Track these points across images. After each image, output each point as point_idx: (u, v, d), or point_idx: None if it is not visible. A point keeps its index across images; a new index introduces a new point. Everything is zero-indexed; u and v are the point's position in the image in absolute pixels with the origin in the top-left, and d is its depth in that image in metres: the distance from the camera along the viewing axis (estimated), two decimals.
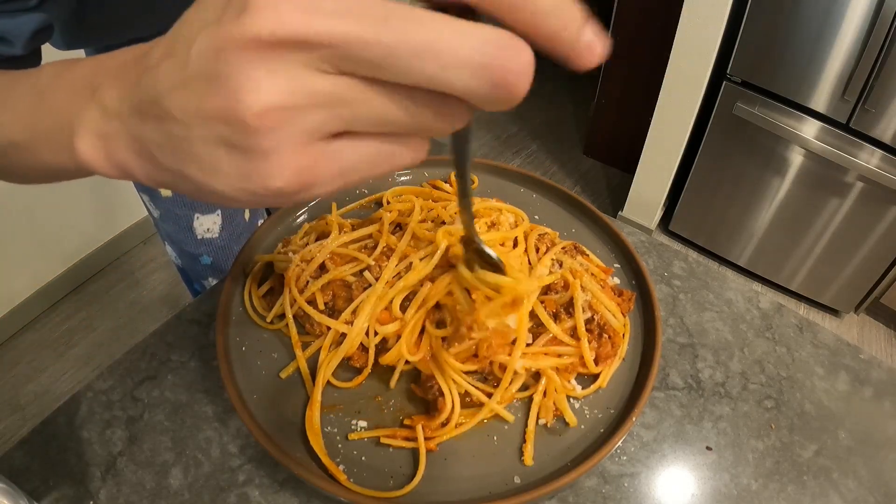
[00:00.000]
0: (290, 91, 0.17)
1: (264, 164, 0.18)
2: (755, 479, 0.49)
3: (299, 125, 0.18)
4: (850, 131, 1.46)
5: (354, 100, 0.18)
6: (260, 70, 0.17)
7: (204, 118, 0.18)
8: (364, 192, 0.68)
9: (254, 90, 0.17)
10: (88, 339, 1.63)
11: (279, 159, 0.18)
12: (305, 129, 0.18)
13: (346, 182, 0.20)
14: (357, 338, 0.50)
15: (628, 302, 0.55)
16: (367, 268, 0.54)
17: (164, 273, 1.81)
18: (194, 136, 0.19)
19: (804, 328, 0.62)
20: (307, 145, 0.18)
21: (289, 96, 0.17)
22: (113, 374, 0.53)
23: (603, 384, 0.50)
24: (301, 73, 0.17)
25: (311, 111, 0.18)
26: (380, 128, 0.19)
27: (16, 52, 0.39)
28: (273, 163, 0.18)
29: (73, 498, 0.45)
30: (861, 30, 1.31)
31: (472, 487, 0.44)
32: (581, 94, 2.86)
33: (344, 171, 0.20)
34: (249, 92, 0.17)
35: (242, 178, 0.19)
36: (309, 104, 0.18)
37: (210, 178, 0.19)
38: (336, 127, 0.19)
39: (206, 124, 0.18)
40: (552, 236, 0.60)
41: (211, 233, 0.79)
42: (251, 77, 0.17)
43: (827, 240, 1.69)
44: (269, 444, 0.43)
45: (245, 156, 0.18)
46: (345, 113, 0.18)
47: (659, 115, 1.76)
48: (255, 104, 0.17)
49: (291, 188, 0.19)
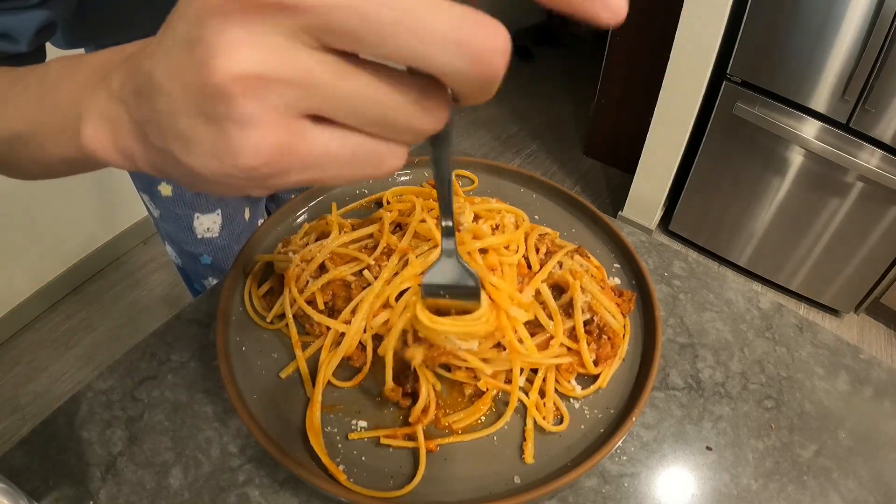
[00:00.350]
0: (269, 57, 0.17)
1: (238, 136, 0.17)
2: (755, 479, 0.49)
3: (276, 96, 0.17)
4: (850, 131, 1.46)
5: (335, 78, 0.18)
6: (238, 33, 0.16)
7: (183, 85, 0.18)
8: (364, 192, 0.68)
9: (229, 53, 0.16)
10: (88, 339, 1.63)
11: (255, 131, 0.17)
12: (283, 101, 0.17)
13: (322, 174, 0.20)
14: (356, 336, 0.50)
15: (628, 302, 0.55)
16: (366, 267, 0.54)
17: (164, 273, 1.81)
18: (178, 109, 0.18)
19: (804, 328, 0.62)
20: (285, 120, 0.18)
21: (267, 63, 0.17)
22: (113, 374, 0.53)
23: (603, 384, 0.50)
24: (281, 41, 0.17)
25: (290, 83, 0.17)
26: (361, 119, 0.19)
27: (20, 48, 0.39)
28: (248, 135, 0.17)
29: (73, 498, 0.45)
30: (861, 30, 1.31)
31: (472, 487, 0.44)
32: (581, 94, 2.86)
33: (321, 160, 0.19)
34: (224, 55, 0.16)
35: (216, 155, 0.18)
36: (288, 75, 0.17)
37: (189, 155, 0.19)
38: (315, 105, 0.18)
39: (185, 92, 0.18)
40: (552, 236, 0.60)
41: (211, 232, 0.79)
42: (228, 40, 0.16)
43: (827, 240, 1.69)
44: (269, 444, 0.43)
45: (220, 127, 0.18)
46: (325, 92, 0.18)
47: (659, 115, 1.76)
48: (229, 67, 0.16)
49: (265, 168, 0.18)
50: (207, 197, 0.77)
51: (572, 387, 0.50)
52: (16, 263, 1.59)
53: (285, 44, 0.17)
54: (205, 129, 0.18)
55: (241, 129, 0.17)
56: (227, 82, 0.17)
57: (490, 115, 2.68)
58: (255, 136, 0.17)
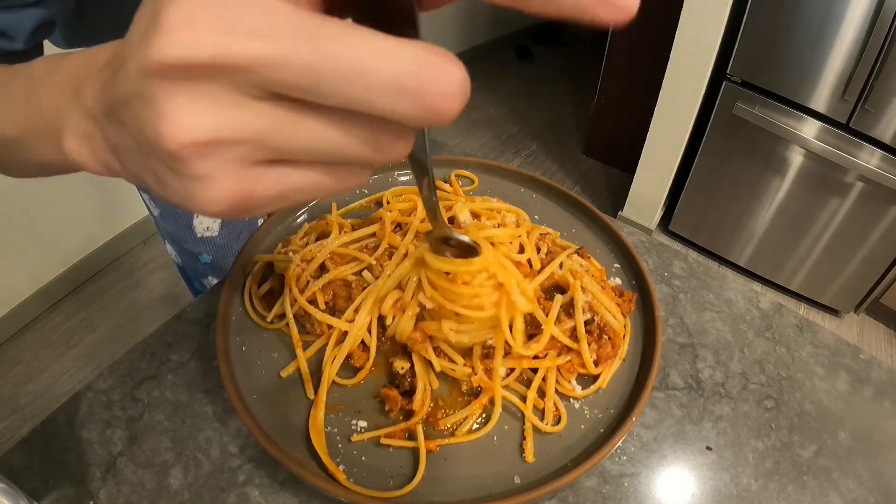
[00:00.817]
0: (217, 120, 0.17)
1: (200, 190, 0.18)
2: (755, 479, 0.49)
3: (228, 154, 0.17)
4: (850, 131, 1.46)
5: (285, 126, 0.18)
6: (180, 98, 0.16)
7: (141, 140, 0.18)
8: (364, 192, 0.68)
9: (177, 120, 0.17)
10: (88, 339, 1.63)
11: (213, 186, 0.18)
12: (235, 157, 0.18)
13: (288, 203, 0.20)
14: (359, 334, 0.50)
15: (629, 303, 0.55)
16: (368, 267, 0.54)
17: (164, 273, 1.81)
18: (145, 154, 0.19)
19: (804, 328, 0.62)
20: (241, 172, 0.18)
21: (215, 126, 0.17)
22: (113, 374, 0.53)
23: (603, 385, 0.50)
24: (225, 99, 0.17)
25: (240, 139, 0.17)
26: (317, 157, 0.19)
27: (17, 46, 0.40)
28: (208, 189, 0.18)
29: (73, 498, 0.45)
30: (861, 30, 1.31)
31: (472, 487, 0.44)
32: (581, 94, 2.86)
33: (284, 194, 0.19)
34: (173, 122, 0.17)
35: (186, 199, 0.19)
36: (236, 134, 0.17)
37: (163, 191, 0.19)
38: (269, 155, 0.18)
39: (146, 146, 0.18)
40: (553, 236, 0.60)
41: (211, 231, 0.80)
42: (172, 107, 0.16)
43: (827, 240, 1.69)
44: (269, 444, 0.43)
45: (183, 179, 0.18)
46: (277, 140, 0.18)
47: (659, 115, 1.76)
48: (178, 134, 0.17)
49: (231, 212, 0.19)
50: None
51: (572, 387, 0.50)
52: (16, 263, 1.59)
53: (232, 100, 0.17)
54: (170, 177, 0.18)
55: (198, 185, 0.18)
56: (178, 149, 0.17)
57: (490, 115, 2.68)
58: (213, 189, 0.18)
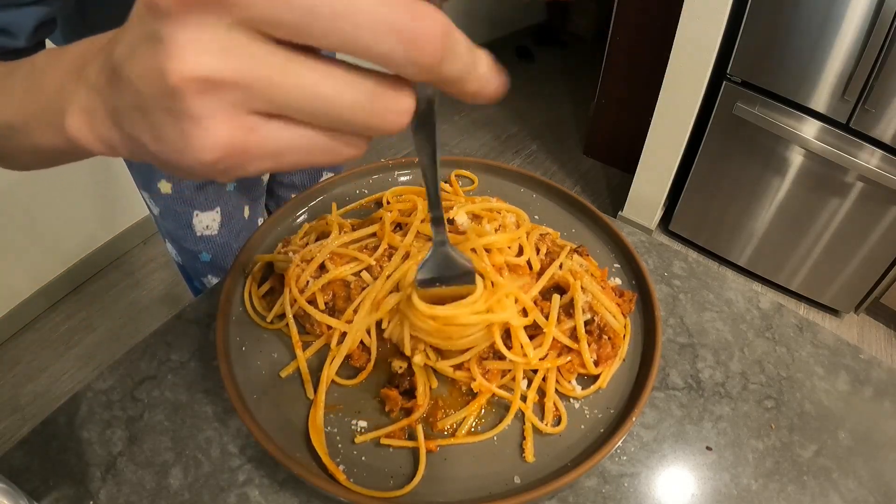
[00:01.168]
0: (218, 57, 0.17)
1: (195, 131, 0.18)
2: (755, 479, 0.49)
3: (226, 95, 0.18)
4: (850, 131, 1.46)
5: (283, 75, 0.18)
6: (188, 34, 0.17)
7: (146, 83, 0.18)
8: (364, 192, 0.68)
9: (181, 55, 0.17)
10: (88, 339, 1.63)
11: (209, 127, 0.18)
12: (233, 101, 0.18)
13: (278, 164, 0.20)
14: (359, 334, 0.50)
15: (629, 303, 0.55)
16: (368, 268, 0.54)
17: (164, 273, 1.81)
18: (144, 103, 0.19)
19: (804, 328, 0.62)
20: (237, 117, 0.18)
21: (216, 63, 0.17)
22: (113, 374, 0.53)
23: (603, 385, 0.50)
24: (227, 39, 0.17)
25: (239, 81, 0.18)
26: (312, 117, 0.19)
27: (19, 44, 0.40)
28: (203, 131, 0.18)
29: (73, 498, 0.45)
30: (861, 30, 1.31)
31: (472, 487, 0.44)
32: (581, 94, 2.86)
33: (278, 152, 0.20)
34: (177, 57, 0.17)
35: (181, 146, 0.19)
36: (235, 75, 0.18)
37: (157, 145, 0.20)
38: (266, 105, 0.19)
39: (148, 89, 0.18)
40: (553, 236, 0.60)
41: (210, 230, 0.80)
42: (179, 41, 0.17)
43: (827, 240, 1.69)
44: (270, 444, 0.43)
45: (180, 123, 0.18)
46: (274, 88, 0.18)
47: (659, 115, 1.76)
48: (181, 69, 0.17)
49: (224, 161, 0.19)
50: (206, 195, 0.78)
51: (572, 387, 0.50)
52: (16, 263, 1.59)
53: (234, 40, 0.17)
54: (168, 123, 0.19)
55: (195, 127, 0.18)
56: (180, 83, 0.17)
57: (490, 115, 2.68)
58: (209, 133, 0.18)
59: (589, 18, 3.29)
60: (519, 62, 3.14)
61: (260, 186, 0.88)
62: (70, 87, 0.24)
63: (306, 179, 0.94)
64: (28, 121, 0.28)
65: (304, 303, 0.51)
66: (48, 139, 0.27)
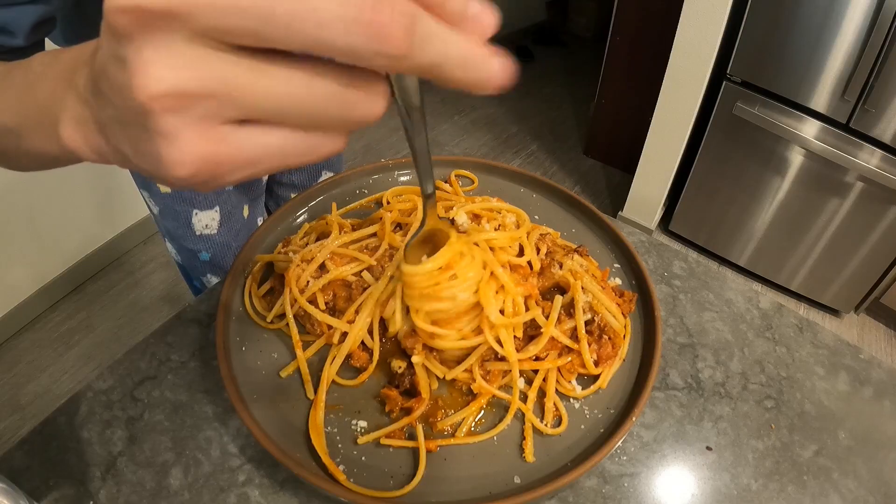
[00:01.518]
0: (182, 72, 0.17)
1: (167, 149, 0.18)
2: (755, 479, 0.49)
3: (195, 109, 0.18)
4: (850, 131, 1.46)
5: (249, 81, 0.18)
6: (147, 52, 0.17)
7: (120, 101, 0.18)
8: (364, 192, 0.68)
9: (146, 72, 0.17)
10: (88, 339, 1.63)
11: (179, 143, 0.18)
12: (202, 113, 0.18)
13: (258, 171, 0.20)
14: (359, 335, 0.50)
15: (629, 303, 0.55)
16: (368, 268, 0.54)
17: (165, 273, 1.81)
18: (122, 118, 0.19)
19: (804, 328, 0.62)
20: (206, 129, 0.18)
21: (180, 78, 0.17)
22: (113, 374, 0.53)
23: (603, 385, 0.50)
24: (189, 52, 0.17)
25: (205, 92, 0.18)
26: (285, 117, 0.19)
27: (18, 42, 0.40)
28: (175, 148, 0.18)
29: (73, 498, 0.45)
30: (861, 30, 1.31)
31: (472, 487, 0.44)
32: (581, 94, 2.86)
33: (252, 160, 0.19)
34: (142, 75, 0.17)
35: (156, 162, 0.19)
36: (201, 84, 0.18)
37: (137, 158, 0.20)
38: (235, 112, 0.18)
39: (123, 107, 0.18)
40: (553, 236, 0.60)
41: (209, 229, 0.80)
42: (144, 59, 0.17)
43: (827, 240, 1.69)
44: (269, 444, 0.43)
45: (153, 139, 0.18)
46: (241, 94, 0.18)
47: (659, 115, 1.76)
48: (148, 86, 0.17)
49: (197, 176, 0.19)
50: (205, 194, 0.78)
51: (573, 387, 0.50)
52: (16, 263, 1.59)
53: (195, 53, 0.17)
54: (143, 139, 0.19)
55: (167, 144, 0.18)
56: (148, 102, 0.17)
57: (490, 115, 2.68)
58: (180, 149, 0.18)
59: (589, 18, 3.29)
60: (519, 62, 3.13)
61: (259, 186, 0.88)
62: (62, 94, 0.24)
63: (306, 179, 0.94)
64: (24, 124, 0.28)
65: (305, 303, 0.51)
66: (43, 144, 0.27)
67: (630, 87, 2.15)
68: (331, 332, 0.51)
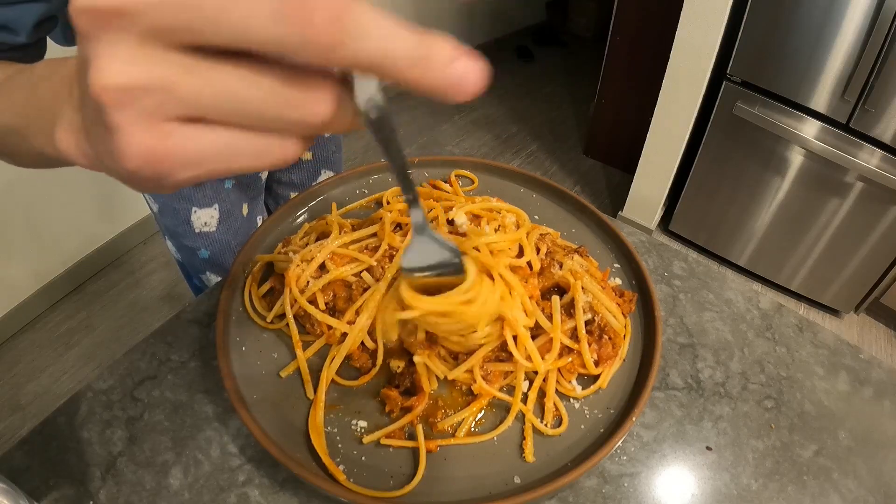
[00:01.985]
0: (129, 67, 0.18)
1: (117, 143, 0.19)
2: (755, 479, 0.49)
3: (141, 104, 0.18)
4: (850, 131, 1.46)
5: (193, 79, 0.18)
6: (103, 48, 0.18)
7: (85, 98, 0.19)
8: (364, 192, 0.68)
9: (98, 66, 0.18)
10: (88, 339, 1.63)
11: (126, 137, 0.18)
12: (147, 108, 0.18)
13: (206, 170, 0.20)
14: (359, 335, 0.50)
15: (629, 303, 0.55)
16: (368, 268, 0.54)
17: (165, 272, 1.81)
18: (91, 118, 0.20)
19: (804, 328, 0.62)
20: (152, 125, 0.19)
21: (127, 73, 0.18)
22: (113, 374, 0.53)
23: (603, 385, 0.50)
24: (138, 49, 0.18)
25: (149, 90, 0.18)
26: (230, 115, 0.19)
27: (20, 40, 0.41)
28: (123, 141, 0.19)
29: (73, 498, 0.45)
30: (861, 30, 1.31)
31: (472, 487, 0.44)
32: (581, 94, 2.86)
33: (197, 158, 0.20)
34: (95, 68, 0.18)
35: (111, 159, 0.19)
36: (146, 82, 0.18)
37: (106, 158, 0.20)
38: (180, 109, 0.19)
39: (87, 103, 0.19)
40: (553, 236, 0.60)
41: (208, 227, 0.80)
42: (98, 54, 0.18)
43: (827, 240, 1.69)
44: (269, 444, 0.43)
45: (109, 134, 0.19)
46: (184, 90, 0.18)
47: (659, 115, 1.76)
48: (99, 79, 0.18)
49: (144, 171, 0.19)
50: (205, 191, 0.78)
51: (573, 387, 0.50)
52: (16, 263, 1.59)
53: (145, 51, 0.18)
54: (102, 135, 0.19)
55: (118, 136, 0.19)
56: (101, 94, 0.18)
57: (490, 115, 2.68)
58: (127, 141, 0.19)
59: (589, 18, 3.29)
60: (519, 62, 3.14)
61: (258, 184, 0.88)
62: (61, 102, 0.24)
63: (305, 178, 0.94)
64: (28, 125, 0.29)
65: (305, 303, 0.51)
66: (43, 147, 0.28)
67: (630, 87, 2.15)
68: (331, 332, 0.51)
